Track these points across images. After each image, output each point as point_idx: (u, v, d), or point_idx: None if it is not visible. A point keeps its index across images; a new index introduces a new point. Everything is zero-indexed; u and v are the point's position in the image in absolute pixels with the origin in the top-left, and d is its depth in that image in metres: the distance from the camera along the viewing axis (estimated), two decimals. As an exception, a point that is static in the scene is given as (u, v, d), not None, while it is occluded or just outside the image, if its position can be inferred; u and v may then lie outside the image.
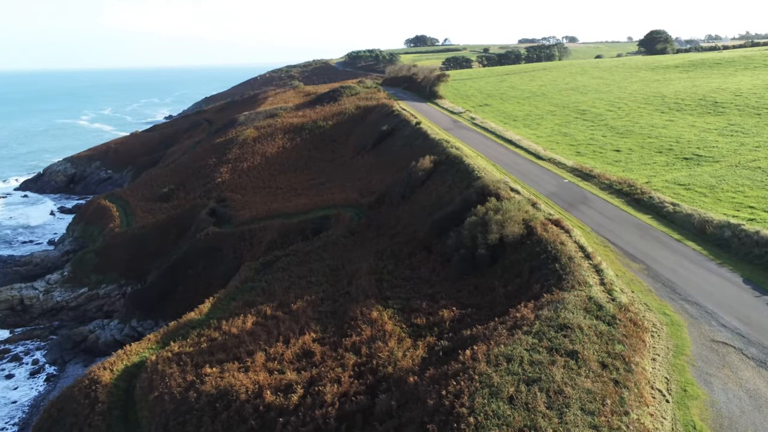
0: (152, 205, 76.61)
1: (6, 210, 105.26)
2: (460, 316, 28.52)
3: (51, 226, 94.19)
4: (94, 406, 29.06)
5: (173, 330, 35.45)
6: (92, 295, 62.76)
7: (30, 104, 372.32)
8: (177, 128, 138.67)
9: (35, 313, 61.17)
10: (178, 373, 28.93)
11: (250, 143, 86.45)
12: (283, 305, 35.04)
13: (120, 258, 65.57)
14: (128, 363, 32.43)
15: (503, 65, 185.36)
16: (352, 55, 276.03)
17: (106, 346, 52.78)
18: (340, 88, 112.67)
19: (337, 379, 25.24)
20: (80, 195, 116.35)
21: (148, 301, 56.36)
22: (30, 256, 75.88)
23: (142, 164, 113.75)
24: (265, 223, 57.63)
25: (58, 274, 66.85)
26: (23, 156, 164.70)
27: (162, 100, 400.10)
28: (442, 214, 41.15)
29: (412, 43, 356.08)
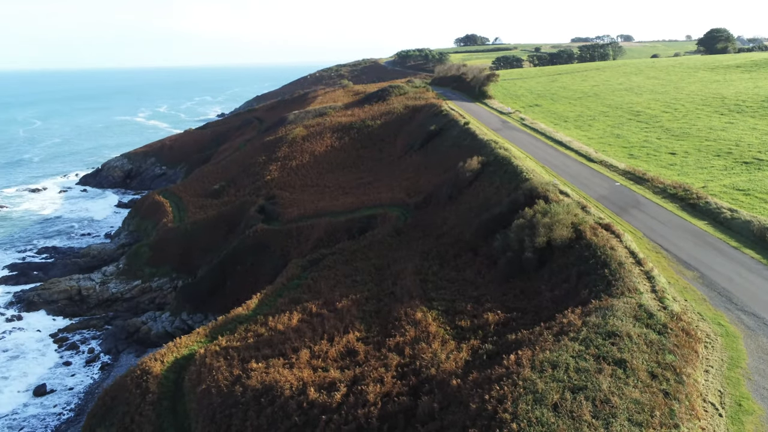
0: (204, 201, 78.49)
1: (67, 203, 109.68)
2: (505, 319, 28.22)
3: (108, 220, 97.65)
4: (145, 396, 30.01)
5: (221, 324, 36.25)
6: (145, 288, 64.77)
7: (89, 102, 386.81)
8: (229, 126, 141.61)
9: (92, 304, 63.57)
10: (225, 367, 29.58)
11: (299, 142, 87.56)
12: (329, 303, 35.37)
13: (172, 252, 67.45)
14: (178, 355, 33.33)
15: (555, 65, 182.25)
16: (402, 54, 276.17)
17: (158, 338, 54.45)
18: (388, 87, 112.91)
19: (380, 378, 25.35)
20: (136, 190, 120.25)
21: (198, 295, 57.78)
22: (88, 249, 78.90)
23: (194, 161, 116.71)
24: (312, 221, 58.30)
25: (114, 266, 69.27)
26: (83, 152, 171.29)
27: (215, 98, 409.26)
28: (489, 215, 40.79)
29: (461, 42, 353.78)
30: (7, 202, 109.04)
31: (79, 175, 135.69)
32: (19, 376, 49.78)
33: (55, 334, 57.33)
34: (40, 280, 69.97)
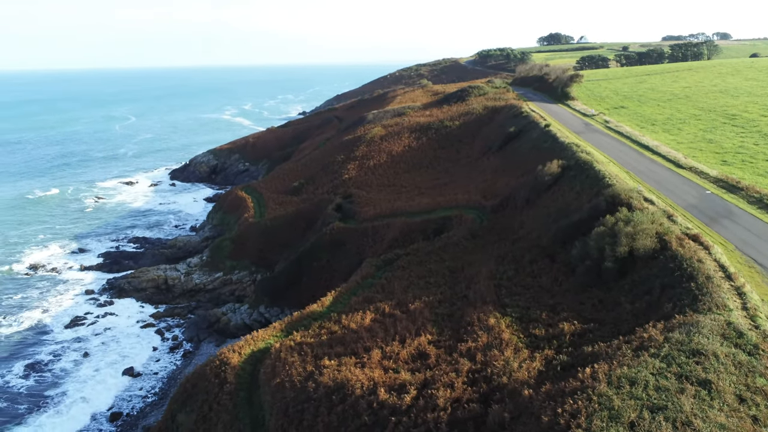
0: (283, 198, 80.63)
1: (157, 196, 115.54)
2: (581, 330, 27.42)
3: (194, 213, 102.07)
4: (223, 386, 31.23)
5: (296, 320, 37.16)
6: (226, 280, 67.28)
7: (180, 99, 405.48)
8: (309, 125, 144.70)
9: (176, 293, 66.70)
10: (299, 363, 30.32)
11: (377, 141, 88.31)
12: (401, 304, 35.54)
13: (252, 247, 69.73)
14: (254, 348, 34.46)
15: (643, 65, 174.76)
16: (483, 54, 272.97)
17: (236, 329, 56.49)
18: (468, 87, 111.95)
19: (450, 383, 25.25)
20: (220, 185, 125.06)
21: (276, 289, 59.48)
22: (174, 240, 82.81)
23: (276, 158, 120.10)
24: (388, 220, 58.71)
25: (198, 258, 72.36)
26: (173, 147, 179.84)
27: (296, 96, 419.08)
28: (567, 221, 39.71)
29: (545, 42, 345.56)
30: (104, 194, 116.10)
31: (168, 169, 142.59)
32: (110, 358, 52.96)
33: (142, 320, 60.57)
34: (131, 268, 74.09)
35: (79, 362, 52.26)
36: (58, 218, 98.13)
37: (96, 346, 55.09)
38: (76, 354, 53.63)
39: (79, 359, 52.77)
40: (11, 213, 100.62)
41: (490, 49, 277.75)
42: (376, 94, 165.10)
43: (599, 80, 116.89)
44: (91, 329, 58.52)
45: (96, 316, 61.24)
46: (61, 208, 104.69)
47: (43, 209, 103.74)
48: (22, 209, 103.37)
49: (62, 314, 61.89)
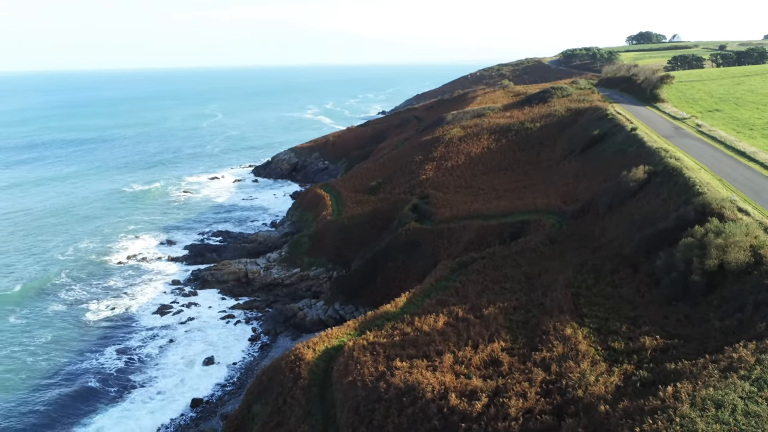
0: (361, 197, 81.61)
1: (240, 192, 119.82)
2: (664, 346, 26.24)
3: (274, 209, 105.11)
4: (297, 380, 32.04)
5: (370, 320, 37.56)
6: (303, 276, 68.87)
7: (265, 98, 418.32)
8: (388, 124, 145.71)
9: (256, 286, 68.94)
10: (371, 362, 30.65)
11: (456, 142, 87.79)
12: (475, 309, 35.23)
13: (329, 244, 71.04)
14: (328, 345, 35.13)
15: (742, 65, 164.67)
16: (567, 54, 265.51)
17: (312, 324, 57.77)
18: (551, 88, 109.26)
19: (523, 393, 24.81)
20: (300, 182, 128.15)
21: (351, 286, 60.36)
22: (255, 235, 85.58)
23: (354, 157, 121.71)
24: (464, 222, 58.30)
25: (277, 253, 74.47)
26: (256, 145, 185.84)
27: (376, 96, 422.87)
28: (652, 230, 38.06)
29: (634, 40, 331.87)
30: (191, 189, 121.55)
31: (252, 166, 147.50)
32: (193, 347, 55.46)
33: (223, 311, 63.00)
34: (214, 261, 77.21)
35: (164, 349, 55.05)
36: (150, 211, 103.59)
37: (180, 335, 57.83)
38: (163, 341, 56.50)
39: (165, 346, 55.57)
40: (108, 205, 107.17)
41: (575, 49, 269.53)
42: (456, 95, 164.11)
43: (692, 81, 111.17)
44: (177, 318, 61.47)
45: (181, 306, 64.27)
46: (153, 202, 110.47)
47: (136, 202, 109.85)
48: (117, 202, 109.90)
49: (150, 303, 65.36)
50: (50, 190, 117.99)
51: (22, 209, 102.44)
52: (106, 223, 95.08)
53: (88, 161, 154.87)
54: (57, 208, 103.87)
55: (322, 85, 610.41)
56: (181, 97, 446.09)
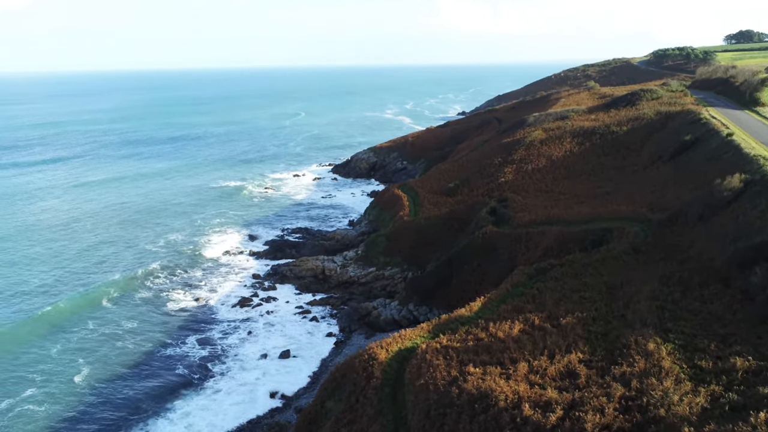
0: (438, 198, 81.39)
1: (319, 190, 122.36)
2: (757, 368, 24.68)
3: (352, 208, 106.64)
4: (370, 380, 32.40)
5: (444, 323, 37.44)
6: (379, 275, 69.49)
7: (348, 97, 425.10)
8: (468, 125, 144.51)
9: (332, 283, 70.21)
10: (444, 366, 30.55)
11: (537, 145, 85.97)
12: (552, 317, 34.41)
13: (405, 244, 71.30)
14: (401, 346, 35.29)
15: None
16: (658, 54, 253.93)
17: (385, 323, 58.25)
18: (639, 90, 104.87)
19: (600, 408, 24.01)
20: (378, 182, 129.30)
21: (425, 288, 60.39)
22: (333, 233, 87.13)
23: (433, 158, 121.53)
24: (543, 228, 57.03)
25: (354, 251, 75.51)
26: (336, 144, 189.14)
27: (456, 96, 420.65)
28: (748, 244, 35.85)
29: (733, 40, 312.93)
30: (273, 185, 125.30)
31: (331, 164, 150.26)
32: (270, 340, 57.21)
33: (300, 306, 64.56)
34: (293, 257, 79.26)
35: (244, 341, 57.08)
36: (234, 206, 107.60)
37: (259, 327, 59.77)
38: (242, 333, 58.60)
39: (245, 338, 57.62)
40: (196, 200, 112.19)
41: (667, 49, 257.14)
42: (538, 96, 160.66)
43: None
44: (256, 311, 63.57)
45: (260, 299, 66.40)
46: (237, 198, 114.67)
47: (222, 198, 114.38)
48: (205, 197, 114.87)
49: (231, 295, 67.93)
50: (144, 186, 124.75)
51: (119, 203, 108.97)
52: (194, 217, 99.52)
53: (178, 158, 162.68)
54: (149, 202, 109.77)
55: (406, 85, 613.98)
56: (268, 96, 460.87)
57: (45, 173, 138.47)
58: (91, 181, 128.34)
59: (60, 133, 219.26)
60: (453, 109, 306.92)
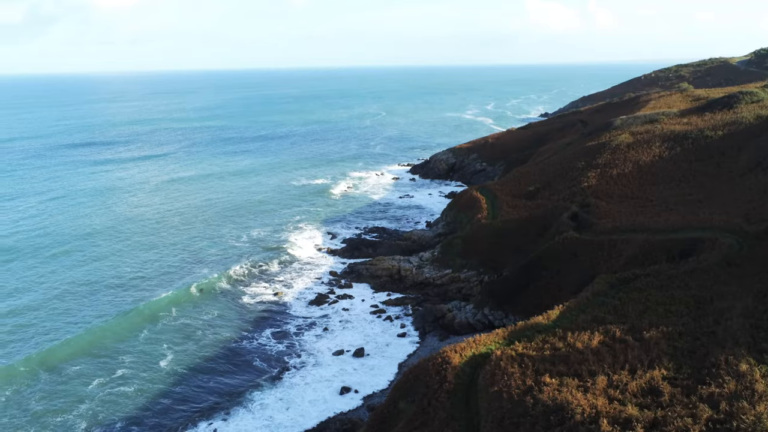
0: (517, 202, 79.97)
1: (397, 190, 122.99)
2: None
3: (429, 209, 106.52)
4: (443, 383, 32.29)
5: (519, 330, 36.78)
6: (454, 277, 69.08)
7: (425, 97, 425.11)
8: (550, 127, 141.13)
9: (407, 284, 70.42)
10: (519, 374, 30.03)
11: (623, 149, 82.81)
12: (635, 330, 33.10)
13: (482, 247, 70.53)
14: (476, 351, 34.95)
15: None
16: (761, 53, 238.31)
17: (460, 326, 57.84)
18: (738, 93, 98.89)
19: (684, 429, 22.90)
20: (456, 183, 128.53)
21: (502, 292, 59.47)
22: (410, 233, 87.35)
23: (512, 160, 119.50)
24: (627, 235, 54.93)
25: (430, 252, 75.40)
26: (415, 144, 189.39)
27: (539, 97, 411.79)
28: None
29: None
30: (352, 184, 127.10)
31: (410, 165, 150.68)
32: (344, 337, 58.10)
33: (375, 305, 65.16)
34: (369, 255, 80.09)
35: (319, 336, 58.26)
36: (314, 204, 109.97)
37: (334, 324, 60.82)
38: (318, 329, 59.82)
39: (320, 334, 58.79)
40: (278, 197, 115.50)
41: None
42: (626, 98, 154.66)
43: None
44: (332, 308, 64.72)
45: (337, 296, 67.54)
46: (317, 195, 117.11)
47: (303, 195, 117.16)
48: (287, 194, 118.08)
49: (308, 291, 69.49)
50: (229, 183, 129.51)
51: (206, 199, 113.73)
52: (276, 214, 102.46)
53: (263, 156, 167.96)
54: (234, 199, 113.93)
55: (488, 85, 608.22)
56: (351, 95, 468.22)
57: (137, 169, 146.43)
58: (181, 177, 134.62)
59: (153, 130, 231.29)
60: (535, 110, 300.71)
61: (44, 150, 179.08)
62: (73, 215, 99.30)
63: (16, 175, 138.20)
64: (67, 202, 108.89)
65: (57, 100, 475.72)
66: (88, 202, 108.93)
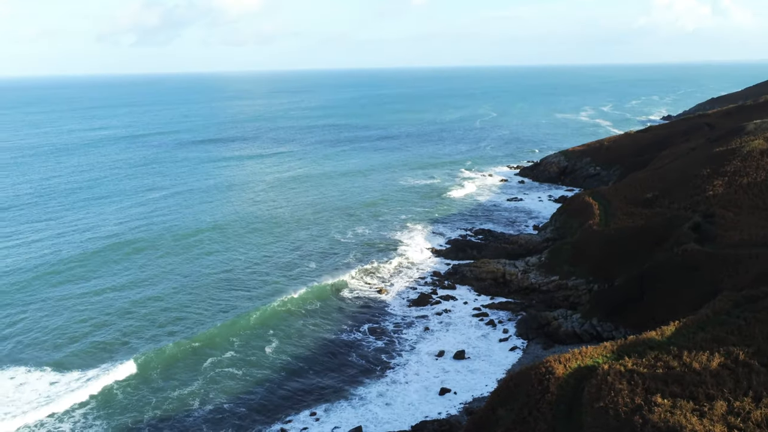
0: (632, 209, 76.08)
1: (505, 192, 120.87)
2: None
3: (538, 212, 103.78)
4: (545, 394, 31.37)
5: (630, 344, 34.97)
6: (561, 285, 66.90)
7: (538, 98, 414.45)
8: (672, 130, 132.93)
9: (512, 288, 69.07)
10: (627, 392, 28.58)
11: (756, 156, 76.38)
12: (761, 354, 30.49)
13: (592, 255, 67.73)
14: (581, 363, 33.64)
15: None
16: None
17: (565, 336, 55.95)
18: None
19: (816, 467, 20.83)
20: (567, 187, 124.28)
21: (612, 303, 56.86)
22: (517, 237, 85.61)
23: (629, 165, 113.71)
24: (757, 250, 50.80)
25: (536, 258, 73.49)
26: (525, 146, 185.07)
27: (662, 98, 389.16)
28: None
29: None
30: (460, 185, 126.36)
31: (519, 166, 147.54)
32: (445, 338, 57.98)
33: (477, 308, 64.44)
34: (473, 257, 79.30)
35: (421, 336, 58.49)
36: (421, 204, 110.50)
37: (435, 325, 60.82)
38: (419, 329, 60.07)
39: (422, 334, 59.00)
40: (385, 196, 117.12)
41: None
42: (761, 100, 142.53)
43: None
44: (433, 308, 64.75)
45: (439, 297, 67.47)
46: (425, 195, 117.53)
47: (411, 195, 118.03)
48: (394, 193, 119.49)
49: (410, 290, 69.94)
50: (338, 181, 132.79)
51: (317, 196, 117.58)
52: (383, 212, 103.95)
53: (372, 155, 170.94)
54: (343, 196, 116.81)
55: (607, 85, 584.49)
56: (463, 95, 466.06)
57: (253, 167, 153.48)
58: (293, 176, 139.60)
59: (272, 128, 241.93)
60: (657, 112, 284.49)
61: (174, 146, 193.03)
62: (195, 210, 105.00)
63: (150, 169, 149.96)
64: (190, 198, 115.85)
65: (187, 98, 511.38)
66: (208, 198, 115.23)
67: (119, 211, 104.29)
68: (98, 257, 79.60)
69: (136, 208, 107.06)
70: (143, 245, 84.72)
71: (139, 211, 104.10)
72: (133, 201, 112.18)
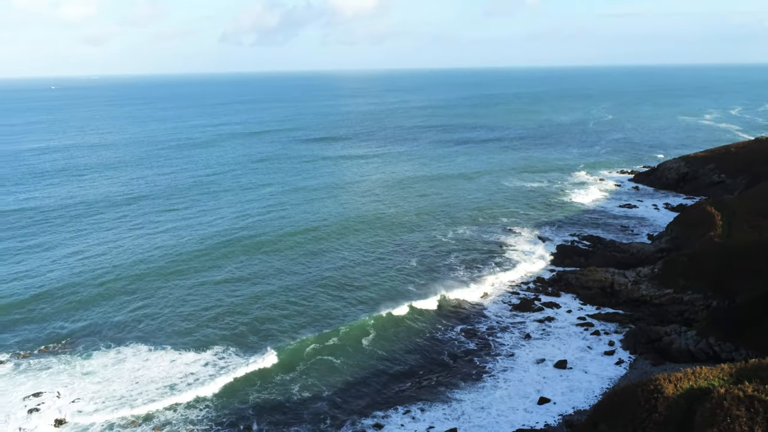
0: (760, 221, 70.48)
1: (617, 198, 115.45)
2: None
3: (652, 221, 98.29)
4: (652, 414, 29.77)
5: (751, 368, 32.38)
6: (676, 298, 63.04)
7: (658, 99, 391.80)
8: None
9: (620, 299, 65.94)
10: (746, 419, 26.51)
11: None
12: None
13: (711, 269, 63.31)
14: (694, 385, 31.58)
15: None
16: None
17: (677, 353, 52.69)
18: None
19: None
20: (687, 195, 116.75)
21: (734, 322, 52.86)
22: (628, 245, 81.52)
23: (759, 173, 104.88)
24: None
25: (649, 268, 69.62)
26: (641, 150, 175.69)
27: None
28: None
29: None
30: (570, 189, 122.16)
31: (633, 172, 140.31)
32: (546, 346, 56.37)
33: (582, 318, 62.12)
34: (580, 265, 76.42)
35: (522, 342, 57.25)
36: (527, 206, 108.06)
37: (536, 332, 59.27)
38: (521, 334, 58.79)
39: (523, 340, 57.73)
40: (489, 197, 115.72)
41: None
42: None
43: None
44: (535, 315, 63.10)
45: (542, 303, 65.68)
46: (531, 198, 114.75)
47: (517, 197, 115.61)
48: (498, 195, 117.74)
49: (512, 295, 68.52)
50: (444, 182, 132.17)
51: (421, 196, 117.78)
52: (488, 215, 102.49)
53: (480, 156, 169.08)
54: (448, 197, 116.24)
55: (735, 86, 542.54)
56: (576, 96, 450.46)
57: (365, 165, 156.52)
58: (398, 178, 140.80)
59: (383, 127, 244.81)
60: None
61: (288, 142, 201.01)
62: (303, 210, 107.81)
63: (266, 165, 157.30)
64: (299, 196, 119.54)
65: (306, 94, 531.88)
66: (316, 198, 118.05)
67: (237, 205, 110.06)
68: (225, 248, 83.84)
69: (253, 203, 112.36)
70: (263, 240, 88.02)
71: (255, 207, 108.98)
72: (250, 196, 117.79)
